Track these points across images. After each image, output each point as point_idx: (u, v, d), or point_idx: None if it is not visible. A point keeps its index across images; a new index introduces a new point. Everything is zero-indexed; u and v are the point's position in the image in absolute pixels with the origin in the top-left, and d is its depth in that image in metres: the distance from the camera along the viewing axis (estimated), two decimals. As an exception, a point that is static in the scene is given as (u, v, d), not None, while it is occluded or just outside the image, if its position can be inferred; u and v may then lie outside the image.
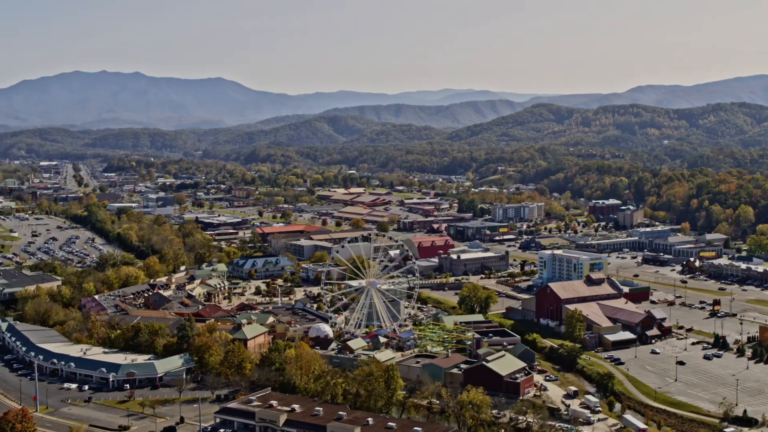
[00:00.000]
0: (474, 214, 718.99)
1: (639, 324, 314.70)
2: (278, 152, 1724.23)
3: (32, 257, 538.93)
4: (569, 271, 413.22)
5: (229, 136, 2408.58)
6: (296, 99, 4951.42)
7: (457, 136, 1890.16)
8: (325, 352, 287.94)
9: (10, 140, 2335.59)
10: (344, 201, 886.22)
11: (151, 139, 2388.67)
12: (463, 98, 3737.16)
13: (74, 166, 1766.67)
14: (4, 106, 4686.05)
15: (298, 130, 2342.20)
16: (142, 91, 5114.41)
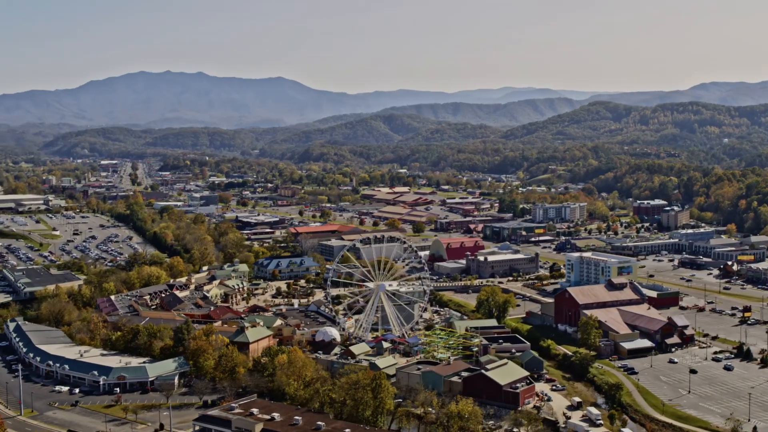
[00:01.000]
0: (514, 215, 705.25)
1: (658, 331, 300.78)
2: (331, 151, 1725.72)
3: (68, 256, 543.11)
4: (597, 274, 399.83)
5: (286, 135, 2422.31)
6: (355, 98, 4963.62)
7: (512, 134, 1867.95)
8: (327, 356, 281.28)
9: (74, 139, 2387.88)
10: (387, 200, 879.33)
11: (210, 138, 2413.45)
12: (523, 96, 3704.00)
13: (133, 164, 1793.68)
14: (72, 105, 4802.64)
15: (354, 129, 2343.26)
16: (205, 91, 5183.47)
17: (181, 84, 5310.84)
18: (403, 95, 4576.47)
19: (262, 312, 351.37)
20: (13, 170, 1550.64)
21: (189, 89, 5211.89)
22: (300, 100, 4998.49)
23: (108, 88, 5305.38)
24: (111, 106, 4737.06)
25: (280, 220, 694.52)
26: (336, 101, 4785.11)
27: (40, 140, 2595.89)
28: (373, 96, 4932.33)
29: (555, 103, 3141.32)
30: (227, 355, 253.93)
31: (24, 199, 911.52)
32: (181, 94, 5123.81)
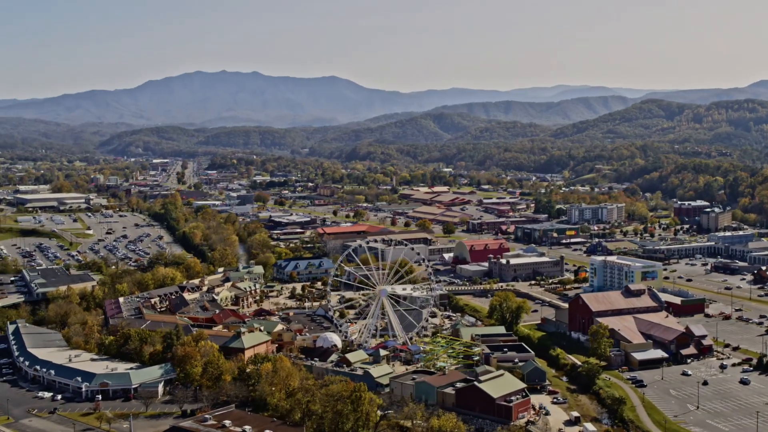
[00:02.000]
0: (549, 216, 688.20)
1: (673, 341, 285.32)
2: (378, 150, 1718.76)
3: (94, 255, 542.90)
4: (620, 279, 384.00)
5: (336, 134, 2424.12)
6: (408, 97, 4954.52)
7: (562, 133, 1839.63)
8: (322, 364, 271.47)
9: (129, 138, 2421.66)
10: (424, 200, 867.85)
11: (262, 137, 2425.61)
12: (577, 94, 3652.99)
13: (183, 163, 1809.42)
14: (130, 105, 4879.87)
15: (403, 128, 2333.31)
16: (260, 90, 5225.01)
17: (237, 83, 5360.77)
18: (456, 94, 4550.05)
19: (267, 316, 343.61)
20: (66, 169, 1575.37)
21: (244, 89, 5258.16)
22: (353, 99, 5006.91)
23: (165, 88, 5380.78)
24: (168, 106, 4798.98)
25: (312, 220, 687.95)
26: (389, 100, 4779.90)
27: (97, 139, 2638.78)
28: (425, 95, 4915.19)
29: (609, 101, 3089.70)
30: (213, 362, 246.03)
31: (66, 198, 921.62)
32: (237, 93, 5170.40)
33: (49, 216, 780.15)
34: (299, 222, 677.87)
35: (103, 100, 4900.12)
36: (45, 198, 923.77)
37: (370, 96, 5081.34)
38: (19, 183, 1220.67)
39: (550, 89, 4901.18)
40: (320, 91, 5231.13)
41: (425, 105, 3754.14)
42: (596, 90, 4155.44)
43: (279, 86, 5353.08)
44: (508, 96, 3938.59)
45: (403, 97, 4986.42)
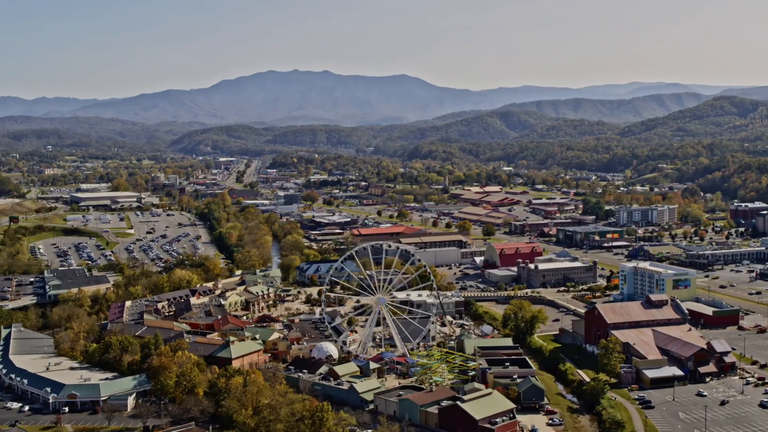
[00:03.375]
0: (597, 217, 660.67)
1: (690, 358, 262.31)
2: (440, 148, 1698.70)
3: (128, 255, 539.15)
4: (651, 287, 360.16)
5: (402, 132, 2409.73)
6: (478, 95, 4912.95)
7: (630, 131, 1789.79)
8: (310, 377, 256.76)
9: (199, 137, 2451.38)
10: (473, 200, 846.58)
11: (328, 136, 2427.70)
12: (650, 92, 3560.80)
13: (247, 162, 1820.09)
14: (204, 104, 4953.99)
15: (469, 126, 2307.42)
16: (330, 89, 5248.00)
17: (308, 82, 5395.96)
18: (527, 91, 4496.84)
19: (270, 323, 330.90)
20: (133, 167, 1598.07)
21: (315, 87, 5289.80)
22: (423, 98, 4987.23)
23: (238, 87, 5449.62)
24: (241, 105, 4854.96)
25: (352, 221, 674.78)
26: (458, 98, 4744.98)
27: (170, 138, 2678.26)
28: (496, 93, 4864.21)
29: (682, 98, 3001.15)
30: (186, 374, 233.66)
31: (119, 197, 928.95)
32: (307, 92, 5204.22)
33: (98, 215, 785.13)
34: (339, 222, 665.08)
35: (179, 100, 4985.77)
36: (99, 197, 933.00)
37: (440, 94, 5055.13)
38: (84, 181, 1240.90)
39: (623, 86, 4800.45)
40: (390, 90, 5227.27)
41: (495, 103, 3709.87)
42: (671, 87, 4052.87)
43: (349, 85, 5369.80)
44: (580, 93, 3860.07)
45: (473, 95, 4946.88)
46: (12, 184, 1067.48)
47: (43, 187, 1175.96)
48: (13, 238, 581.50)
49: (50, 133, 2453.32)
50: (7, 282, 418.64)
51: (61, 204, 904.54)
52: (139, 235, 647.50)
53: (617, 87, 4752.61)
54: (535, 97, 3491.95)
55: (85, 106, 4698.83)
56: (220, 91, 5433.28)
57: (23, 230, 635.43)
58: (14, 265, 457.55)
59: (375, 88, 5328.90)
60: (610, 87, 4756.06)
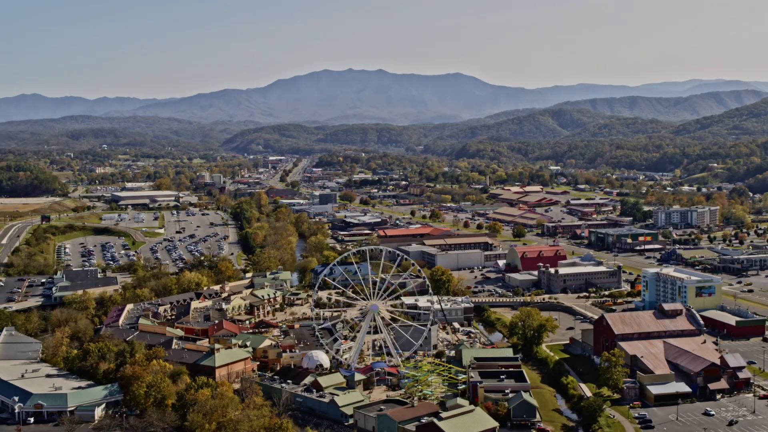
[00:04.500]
0: (634, 219, 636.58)
1: (700, 373, 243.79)
2: (488, 147, 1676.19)
3: (152, 255, 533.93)
4: (674, 294, 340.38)
5: (453, 131, 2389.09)
6: (533, 93, 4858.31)
7: (684, 129, 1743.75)
8: (294, 388, 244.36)
9: (251, 136, 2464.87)
10: (510, 200, 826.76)
11: (379, 135, 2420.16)
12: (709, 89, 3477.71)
13: (295, 161, 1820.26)
14: (260, 103, 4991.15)
15: (521, 125, 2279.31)
16: (385, 88, 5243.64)
17: (362, 81, 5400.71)
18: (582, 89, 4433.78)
19: (268, 329, 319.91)
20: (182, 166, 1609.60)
21: (369, 86, 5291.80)
22: (477, 96, 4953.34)
23: (294, 87, 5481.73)
24: (296, 104, 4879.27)
25: (382, 221, 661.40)
26: (513, 96, 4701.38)
27: (224, 137, 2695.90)
28: (551, 91, 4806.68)
29: (742, 95, 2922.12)
30: (156, 384, 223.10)
31: (158, 196, 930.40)
32: (362, 91, 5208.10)
33: (135, 214, 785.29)
34: (369, 223, 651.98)
35: (235, 99, 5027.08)
36: (138, 196, 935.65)
37: (495, 93, 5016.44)
38: (132, 180, 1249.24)
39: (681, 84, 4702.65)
40: (444, 88, 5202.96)
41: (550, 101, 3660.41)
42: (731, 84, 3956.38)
43: (403, 83, 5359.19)
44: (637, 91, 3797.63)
45: (528, 93, 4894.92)
46: (58, 182, 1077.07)
47: (90, 186, 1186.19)
48: (40, 238, 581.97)
49: (107, 132, 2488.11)
50: (20, 283, 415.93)
51: (102, 203, 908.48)
52: (168, 234, 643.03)
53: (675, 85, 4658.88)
54: (590, 95, 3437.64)
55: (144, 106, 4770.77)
56: (275, 90, 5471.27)
57: (53, 229, 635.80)
58: (30, 265, 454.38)
59: (429, 86, 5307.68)
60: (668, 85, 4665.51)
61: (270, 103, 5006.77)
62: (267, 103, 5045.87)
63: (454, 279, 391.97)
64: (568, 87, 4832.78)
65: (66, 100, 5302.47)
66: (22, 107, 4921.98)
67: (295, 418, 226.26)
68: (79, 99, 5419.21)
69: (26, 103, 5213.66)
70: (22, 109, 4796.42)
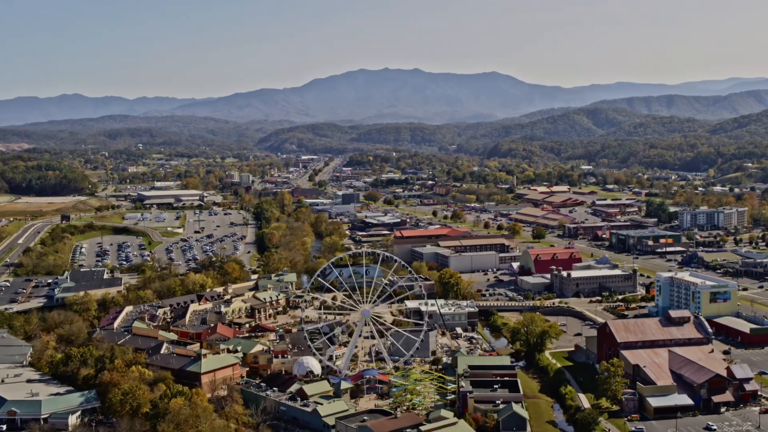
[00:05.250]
0: (659, 220, 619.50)
1: (703, 385, 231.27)
2: (520, 146, 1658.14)
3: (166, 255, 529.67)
4: (687, 299, 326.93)
5: (486, 130, 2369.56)
6: (569, 91, 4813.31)
7: (721, 128, 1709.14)
8: (278, 396, 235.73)
9: (285, 135, 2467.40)
10: (535, 201, 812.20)
11: (412, 134, 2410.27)
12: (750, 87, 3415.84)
13: (326, 160, 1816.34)
14: (296, 103, 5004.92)
15: (555, 124, 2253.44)
16: (421, 87, 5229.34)
17: (398, 80, 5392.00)
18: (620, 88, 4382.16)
19: (264, 333, 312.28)
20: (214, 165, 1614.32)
21: (405, 85, 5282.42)
22: (513, 95, 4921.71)
23: (330, 86, 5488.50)
24: (332, 103, 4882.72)
25: (402, 222, 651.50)
26: (549, 95, 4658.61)
27: (258, 136, 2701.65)
28: (588, 89, 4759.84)
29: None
30: (131, 392, 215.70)
31: (183, 195, 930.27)
32: (398, 90, 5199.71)
33: (157, 213, 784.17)
34: (388, 224, 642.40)
35: (272, 98, 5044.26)
36: (163, 195, 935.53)
37: (531, 91, 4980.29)
38: (163, 179, 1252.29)
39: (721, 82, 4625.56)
40: (480, 87, 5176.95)
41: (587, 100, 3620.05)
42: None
43: (439, 82, 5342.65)
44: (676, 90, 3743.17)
45: (565, 92, 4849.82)
46: (88, 181, 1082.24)
47: (120, 185, 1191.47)
48: (57, 237, 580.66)
49: (143, 132, 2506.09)
50: (26, 283, 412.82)
51: (128, 202, 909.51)
52: (186, 234, 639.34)
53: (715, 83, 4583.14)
54: (628, 94, 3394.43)
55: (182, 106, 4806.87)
56: (312, 89, 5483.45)
57: (72, 229, 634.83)
58: (39, 265, 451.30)
59: (465, 85, 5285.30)
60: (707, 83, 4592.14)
61: (306, 103, 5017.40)
62: (303, 102, 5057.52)
63: (464, 282, 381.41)
64: (606, 86, 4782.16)
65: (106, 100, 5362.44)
66: (63, 107, 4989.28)
67: (277, 428, 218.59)
68: (119, 99, 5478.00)
69: (67, 102, 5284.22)
70: (64, 108, 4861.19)
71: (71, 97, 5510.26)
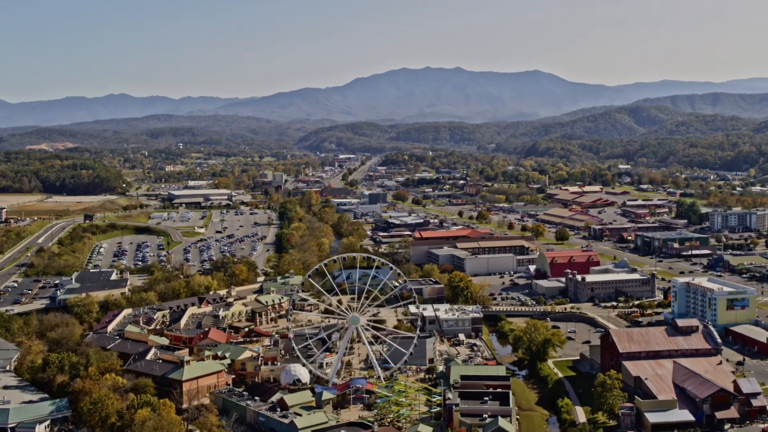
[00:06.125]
0: (689, 221, 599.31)
1: (707, 400, 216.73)
2: (558, 145, 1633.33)
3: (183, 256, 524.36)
4: (703, 306, 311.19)
5: (526, 129, 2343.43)
6: (613, 90, 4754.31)
7: (766, 126, 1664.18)
8: (259, 406, 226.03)
9: (324, 134, 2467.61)
10: (565, 201, 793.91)
11: (451, 133, 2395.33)
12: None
13: (363, 159, 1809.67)
14: (338, 102, 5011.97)
15: (596, 122, 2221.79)
16: (462, 86, 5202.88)
17: (440, 79, 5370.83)
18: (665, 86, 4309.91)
19: (258, 338, 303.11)
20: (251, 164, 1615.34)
21: (447, 84, 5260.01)
22: (556, 93, 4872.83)
23: (372, 85, 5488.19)
24: (374, 102, 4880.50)
25: (424, 222, 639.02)
26: (593, 93, 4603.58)
27: (299, 135, 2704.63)
28: (632, 88, 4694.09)
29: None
30: (100, 401, 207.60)
31: (212, 194, 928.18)
32: (439, 89, 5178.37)
33: (184, 212, 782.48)
34: (410, 224, 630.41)
35: (314, 98, 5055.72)
36: (192, 194, 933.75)
37: (574, 90, 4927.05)
38: (198, 178, 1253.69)
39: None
40: (523, 86, 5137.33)
41: (630, 98, 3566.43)
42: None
43: (481, 81, 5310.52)
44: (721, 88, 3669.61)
45: (608, 90, 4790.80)
46: (122, 180, 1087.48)
47: (155, 184, 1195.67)
48: (76, 237, 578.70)
49: (185, 131, 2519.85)
50: (35, 284, 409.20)
51: (158, 201, 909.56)
52: (207, 234, 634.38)
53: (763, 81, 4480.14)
54: (673, 92, 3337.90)
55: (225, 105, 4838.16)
56: (354, 88, 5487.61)
57: (94, 228, 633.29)
58: (50, 266, 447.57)
59: (507, 84, 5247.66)
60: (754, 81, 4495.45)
61: (348, 102, 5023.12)
62: (345, 101, 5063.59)
63: (474, 285, 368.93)
64: (650, 84, 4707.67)
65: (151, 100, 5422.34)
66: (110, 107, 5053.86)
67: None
68: (164, 99, 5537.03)
69: (114, 102, 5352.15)
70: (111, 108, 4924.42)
71: (118, 97, 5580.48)
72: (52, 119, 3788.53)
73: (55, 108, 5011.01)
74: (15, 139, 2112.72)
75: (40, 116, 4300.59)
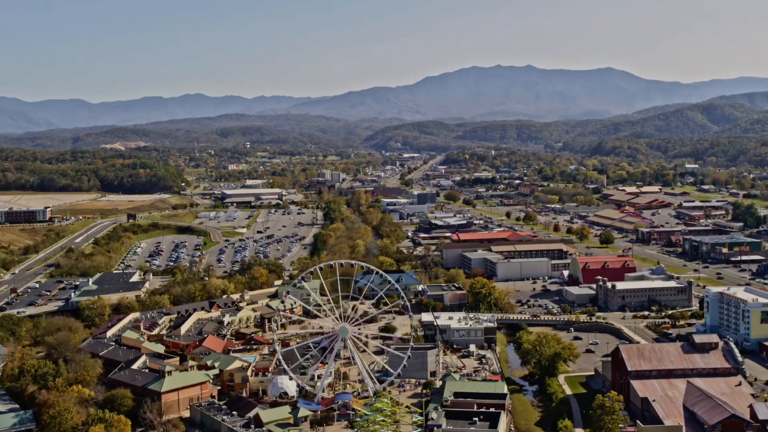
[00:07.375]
0: (745, 224, 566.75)
1: (717, 426, 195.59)
2: (625, 144, 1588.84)
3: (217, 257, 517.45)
4: (736, 318, 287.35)
5: (595, 127, 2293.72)
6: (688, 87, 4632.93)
7: None
8: (235, 421, 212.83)
9: (391, 133, 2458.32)
10: (619, 202, 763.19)
11: (518, 131, 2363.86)
12: None
13: (425, 158, 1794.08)
14: (408, 101, 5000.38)
15: (667, 120, 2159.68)
16: (532, 84, 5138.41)
17: (510, 77, 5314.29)
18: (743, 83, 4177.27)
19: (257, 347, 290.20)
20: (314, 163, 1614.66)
21: (517, 82, 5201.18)
22: (629, 91, 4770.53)
23: (441, 84, 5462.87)
24: (443, 101, 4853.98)
25: (467, 224, 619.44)
26: (667, 91, 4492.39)
27: (366, 134, 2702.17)
28: (708, 85, 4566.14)
29: None
30: (60, 415, 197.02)
31: (264, 194, 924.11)
32: (509, 87, 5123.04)
33: (231, 212, 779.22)
34: (452, 225, 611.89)
35: (384, 96, 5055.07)
36: (244, 194, 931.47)
37: (648, 87, 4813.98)
38: (259, 177, 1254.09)
39: None
40: (594, 83, 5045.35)
41: (706, 95, 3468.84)
42: None
43: (552, 79, 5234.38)
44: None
45: (683, 87, 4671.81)
46: (180, 179, 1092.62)
47: (215, 182, 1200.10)
48: (114, 237, 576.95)
49: (254, 130, 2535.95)
50: (57, 285, 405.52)
51: (212, 200, 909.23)
52: (248, 234, 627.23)
53: None
54: (749, 89, 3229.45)
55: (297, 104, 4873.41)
56: (423, 87, 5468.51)
57: (136, 228, 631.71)
58: (76, 266, 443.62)
59: (578, 81, 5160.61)
60: None
61: (417, 101, 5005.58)
62: (414, 100, 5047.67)
63: (498, 291, 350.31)
64: (727, 80, 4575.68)
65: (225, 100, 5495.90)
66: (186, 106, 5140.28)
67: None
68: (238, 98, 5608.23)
69: (189, 102, 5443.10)
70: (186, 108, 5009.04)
71: (193, 97, 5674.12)
72: (129, 119, 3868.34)
73: (134, 108, 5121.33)
74: (91, 139, 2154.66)
75: (118, 116, 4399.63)
